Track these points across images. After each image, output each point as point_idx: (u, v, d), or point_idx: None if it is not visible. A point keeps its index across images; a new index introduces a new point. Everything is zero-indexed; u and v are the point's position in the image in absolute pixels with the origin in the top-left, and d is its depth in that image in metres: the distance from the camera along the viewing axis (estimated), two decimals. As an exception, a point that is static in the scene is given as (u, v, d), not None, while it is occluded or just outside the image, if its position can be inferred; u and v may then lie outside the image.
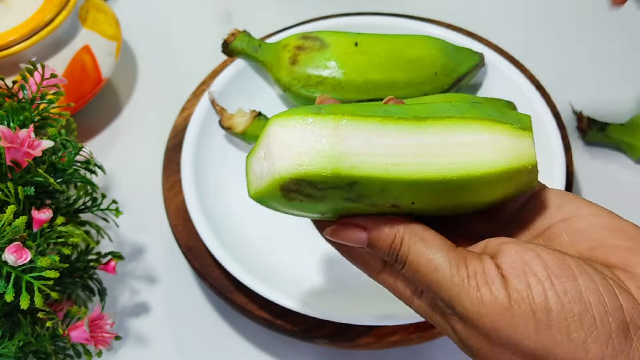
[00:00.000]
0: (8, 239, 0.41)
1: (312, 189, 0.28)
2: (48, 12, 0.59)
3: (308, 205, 0.29)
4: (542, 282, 0.28)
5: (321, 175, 0.28)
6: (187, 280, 0.58)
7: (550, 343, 0.27)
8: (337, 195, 0.29)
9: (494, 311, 0.28)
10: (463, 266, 0.29)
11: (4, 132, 0.43)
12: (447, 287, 0.29)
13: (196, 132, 0.57)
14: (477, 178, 0.29)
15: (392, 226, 0.30)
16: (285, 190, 0.28)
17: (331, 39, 0.57)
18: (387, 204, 0.30)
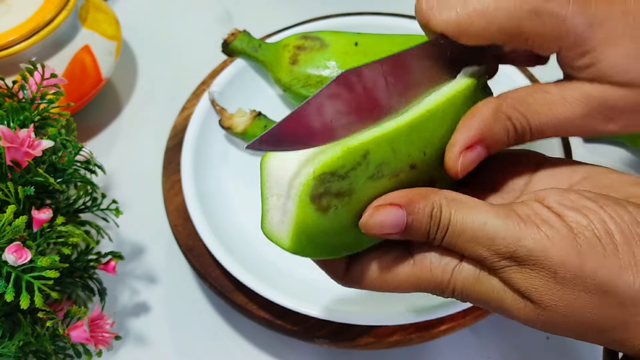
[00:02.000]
0: (8, 239, 0.41)
1: (338, 181, 0.29)
2: (48, 12, 0.59)
3: (342, 211, 0.29)
4: (597, 211, 0.28)
5: (336, 157, 0.29)
6: (187, 280, 0.58)
7: (617, 266, 0.27)
8: (361, 176, 0.29)
9: (559, 244, 0.28)
10: (513, 213, 0.29)
11: (4, 132, 0.43)
12: (503, 236, 0.28)
13: (196, 132, 0.57)
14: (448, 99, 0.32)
15: (425, 197, 0.30)
16: (316, 197, 0.28)
17: (331, 39, 0.57)
18: (405, 166, 0.30)
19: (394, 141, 0.30)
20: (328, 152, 0.29)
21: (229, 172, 0.58)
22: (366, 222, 0.30)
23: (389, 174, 0.30)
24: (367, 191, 0.30)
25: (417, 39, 0.58)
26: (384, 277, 0.32)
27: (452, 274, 0.31)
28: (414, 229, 0.30)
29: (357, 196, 0.30)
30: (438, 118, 0.32)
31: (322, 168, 0.28)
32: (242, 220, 0.55)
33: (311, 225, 0.29)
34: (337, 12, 0.66)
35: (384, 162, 0.30)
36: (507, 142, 0.32)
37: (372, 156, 0.29)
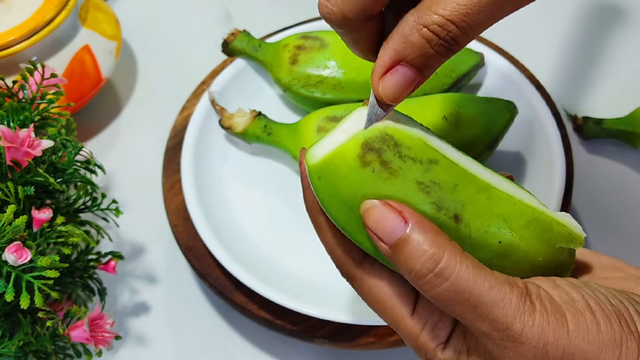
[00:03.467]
0: (8, 239, 0.41)
1: (394, 154, 0.28)
2: (48, 12, 0.59)
3: (374, 181, 0.28)
4: (578, 292, 0.29)
5: (411, 137, 0.28)
6: (187, 280, 0.58)
7: (599, 341, 0.28)
8: (414, 173, 0.28)
9: (552, 326, 0.28)
10: (514, 284, 0.28)
11: (4, 131, 0.43)
12: (505, 307, 0.28)
13: (196, 132, 0.57)
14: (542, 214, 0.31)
15: (437, 232, 0.28)
16: (367, 147, 0.28)
17: (331, 39, 0.57)
18: (452, 211, 0.29)
19: (462, 182, 0.29)
20: (412, 130, 0.29)
21: (229, 172, 0.58)
22: (367, 208, 0.29)
23: (433, 198, 0.29)
24: (404, 189, 0.28)
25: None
26: (380, 301, 0.32)
27: (435, 350, 0.30)
28: (403, 255, 0.28)
29: (394, 182, 0.28)
30: (515, 211, 0.30)
31: (393, 132, 0.29)
32: (242, 220, 0.55)
33: (344, 164, 0.28)
34: (337, 12, 0.66)
35: (439, 184, 0.29)
36: (435, 53, 0.28)
37: (436, 169, 0.29)
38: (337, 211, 0.30)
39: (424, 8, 0.27)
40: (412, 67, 0.28)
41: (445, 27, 0.27)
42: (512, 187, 0.31)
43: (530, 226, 0.30)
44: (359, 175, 0.28)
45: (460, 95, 0.55)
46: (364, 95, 0.56)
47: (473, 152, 0.52)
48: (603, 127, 0.61)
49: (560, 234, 0.31)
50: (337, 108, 0.54)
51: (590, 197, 0.60)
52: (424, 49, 0.27)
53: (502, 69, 0.59)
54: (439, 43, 0.27)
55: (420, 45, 0.27)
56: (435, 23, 0.27)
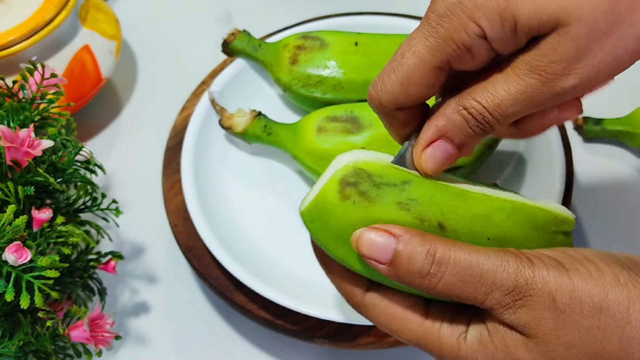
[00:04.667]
0: (8, 239, 0.41)
1: (369, 184, 0.31)
2: (48, 12, 0.59)
3: (356, 211, 0.31)
4: (572, 250, 0.30)
5: (380, 166, 0.31)
6: (187, 280, 0.58)
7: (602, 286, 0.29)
8: (390, 196, 0.31)
9: (552, 272, 0.29)
10: (507, 250, 0.30)
11: (4, 131, 0.43)
12: (505, 269, 0.29)
13: (196, 132, 0.57)
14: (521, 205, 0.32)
15: (423, 235, 0.30)
16: (344, 183, 0.31)
17: (331, 39, 0.57)
18: (435, 220, 0.31)
19: (437, 194, 0.31)
20: (381, 159, 0.32)
21: (229, 171, 0.58)
22: (357, 236, 0.31)
23: (414, 214, 0.31)
24: (386, 212, 0.31)
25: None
26: (393, 317, 0.33)
27: (458, 341, 0.31)
28: (404, 264, 0.30)
29: (375, 208, 0.31)
30: (494, 207, 0.32)
31: (364, 165, 0.31)
32: (242, 220, 0.55)
33: (328, 202, 0.31)
34: (337, 12, 0.66)
35: (416, 200, 0.31)
36: (472, 133, 0.31)
37: (409, 188, 0.31)
38: (333, 247, 0.32)
39: (465, 93, 0.31)
40: (452, 142, 0.32)
41: (481, 113, 0.30)
42: (489, 189, 0.33)
43: (513, 217, 0.32)
44: (343, 209, 0.31)
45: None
46: (363, 95, 0.56)
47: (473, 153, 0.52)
48: (603, 127, 0.61)
49: (546, 219, 0.32)
50: (337, 108, 0.54)
51: (590, 197, 0.60)
52: (463, 128, 0.31)
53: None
54: (476, 124, 0.31)
55: (460, 124, 0.31)
56: (473, 107, 0.30)
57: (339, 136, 0.52)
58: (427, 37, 0.30)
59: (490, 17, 0.28)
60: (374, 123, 0.52)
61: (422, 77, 0.31)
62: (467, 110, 0.31)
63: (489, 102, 0.30)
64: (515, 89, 0.29)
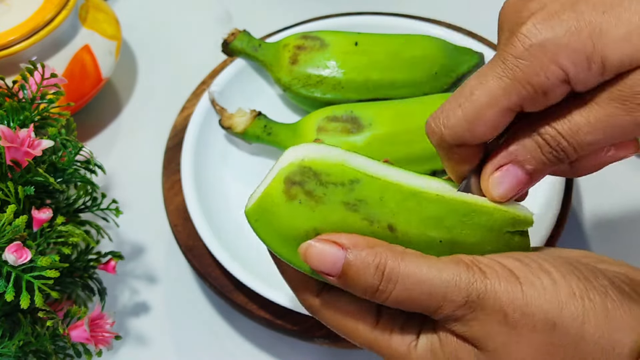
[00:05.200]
0: (8, 239, 0.41)
1: (315, 183, 0.29)
2: (48, 12, 0.59)
3: (302, 212, 0.30)
4: (529, 258, 0.30)
5: (327, 164, 0.30)
6: (187, 280, 0.58)
7: (557, 300, 0.28)
8: (338, 196, 0.29)
9: (504, 285, 0.28)
10: (459, 260, 0.29)
11: (4, 131, 0.43)
12: (457, 282, 0.28)
13: (196, 132, 0.57)
14: (475, 206, 0.31)
15: (372, 246, 0.29)
16: (289, 182, 0.29)
17: (331, 39, 0.57)
18: (384, 222, 0.30)
19: (387, 194, 0.30)
20: (330, 156, 0.30)
21: (229, 171, 0.58)
22: (305, 249, 0.30)
23: (363, 215, 0.30)
24: (334, 212, 0.30)
25: (417, 39, 0.58)
26: (344, 324, 0.32)
27: (408, 348, 0.31)
28: (354, 278, 0.29)
29: (323, 209, 0.30)
30: (448, 209, 0.31)
31: (310, 163, 0.30)
32: (241, 219, 0.55)
33: (273, 202, 0.30)
34: (337, 12, 0.66)
35: (365, 200, 0.30)
36: (545, 160, 0.30)
37: (359, 187, 0.30)
38: (279, 248, 0.31)
39: (541, 119, 0.29)
40: (522, 168, 0.30)
41: (556, 139, 0.29)
42: (448, 187, 0.32)
43: (466, 220, 0.31)
44: (288, 209, 0.30)
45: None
46: (363, 95, 0.56)
47: None
48: None
49: (502, 219, 0.31)
50: (337, 108, 0.54)
51: (590, 197, 0.60)
52: (536, 153, 0.30)
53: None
54: (550, 151, 0.29)
55: (533, 149, 0.30)
56: (548, 133, 0.29)
57: (339, 136, 0.52)
58: (501, 77, 0.28)
59: (576, 60, 0.27)
60: (374, 123, 0.52)
61: (492, 117, 0.29)
62: (542, 136, 0.29)
63: (565, 129, 0.29)
64: (594, 117, 0.28)
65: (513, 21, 0.29)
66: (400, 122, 0.52)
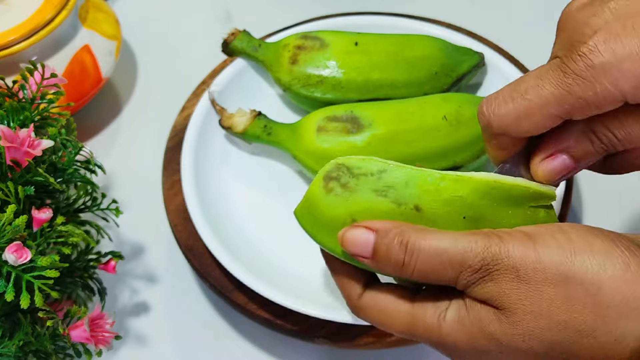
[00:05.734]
0: (8, 239, 0.41)
1: (349, 176, 0.33)
2: (48, 12, 0.59)
3: (340, 202, 0.33)
4: (551, 224, 0.31)
5: (358, 159, 0.34)
6: (187, 280, 0.58)
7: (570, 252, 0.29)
8: (369, 184, 0.33)
9: (518, 245, 0.30)
10: (477, 231, 0.31)
11: (4, 131, 0.43)
12: (472, 249, 0.30)
13: (196, 132, 0.58)
14: (495, 184, 0.33)
15: (398, 226, 0.32)
16: (327, 178, 0.33)
17: (331, 39, 0.57)
18: (411, 203, 0.33)
19: (412, 179, 0.33)
20: (362, 156, 0.34)
21: (229, 171, 0.58)
22: (341, 235, 0.33)
23: (391, 199, 0.33)
24: (365, 199, 0.33)
25: (417, 39, 0.58)
26: (385, 311, 0.34)
27: (438, 320, 0.32)
28: (384, 256, 0.32)
29: (356, 197, 0.33)
30: (468, 188, 0.33)
31: (344, 160, 0.34)
32: (242, 219, 0.55)
33: (315, 197, 0.34)
34: (337, 12, 0.66)
35: (392, 186, 0.33)
36: (592, 150, 0.32)
37: (386, 176, 0.33)
38: (324, 239, 0.35)
39: (597, 120, 0.31)
40: (571, 157, 0.33)
41: (612, 141, 0.31)
42: (469, 173, 0.34)
43: (488, 196, 0.33)
44: (328, 201, 0.34)
45: (460, 95, 0.55)
46: (363, 95, 0.56)
47: (473, 153, 0.52)
48: None
49: (523, 195, 0.33)
50: (337, 108, 0.54)
51: (590, 197, 0.60)
52: (587, 147, 0.32)
53: (502, 69, 0.59)
54: (599, 144, 0.32)
55: (585, 145, 0.32)
56: (604, 134, 0.31)
57: (339, 136, 0.52)
58: (558, 87, 0.30)
59: (636, 84, 0.28)
60: (374, 123, 0.52)
61: (539, 119, 0.31)
62: (596, 135, 0.32)
63: (622, 134, 0.31)
64: None
65: (575, 32, 0.30)
66: (400, 122, 0.52)
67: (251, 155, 0.59)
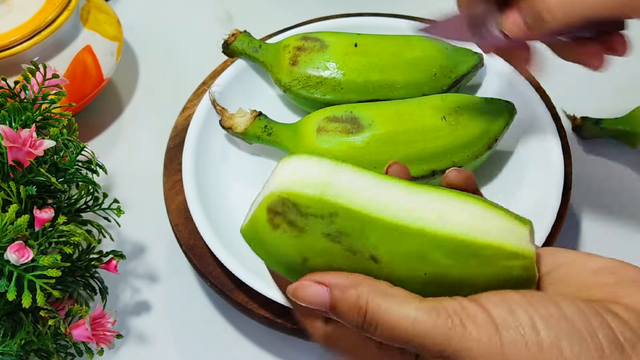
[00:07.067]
0: (10, 238, 0.41)
1: (296, 214, 0.29)
2: (49, 13, 0.59)
3: (288, 240, 0.30)
4: (525, 308, 0.27)
5: (306, 196, 0.30)
6: (188, 279, 0.58)
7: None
8: (318, 227, 0.29)
9: (483, 343, 0.27)
10: (441, 309, 0.28)
11: (6, 131, 0.43)
12: (432, 335, 0.28)
13: (197, 132, 0.58)
14: (462, 242, 0.29)
15: (355, 285, 0.29)
16: (272, 212, 0.30)
17: (331, 40, 0.58)
18: (367, 253, 0.29)
19: (367, 227, 0.29)
20: (310, 184, 0.30)
21: (229, 171, 0.58)
22: (294, 290, 0.30)
23: (345, 246, 0.30)
24: (317, 242, 0.30)
25: (416, 40, 0.59)
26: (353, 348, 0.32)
27: None
28: (341, 314, 0.30)
29: (306, 238, 0.30)
30: (431, 245, 0.29)
31: (289, 195, 0.30)
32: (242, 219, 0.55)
33: (260, 229, 0.31)
34: (337, 13, 0.66)
35: (346, 233, 0.29)
36: None
37: (337, 220, 0.29)
38: (274, 266, 0.32)
39: None
40: None
41: None
42: (435, 217, 0.30)
43: (452, 256, 0.29)
44: (275, 238, 0.30)
45: (459, 96, 0.55)
46: (363, 96, 0.56)
47: (472, 153, 0.52)
48: (601, 127, 0.61)
49: (496, 255, 0.29)
50: (336, 108, 0.54)
51: (589, 197, 0.60)
52: None
53: (501, 69, 0.60)
54: None
55: None
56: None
57: (339, 136, 0.52)
58: None
59: None
60: (374, 123, 0.52)
61: None
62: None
63: None
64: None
65: None
66: (400, 122, 0.53)
67: (251, 156, 0.60)
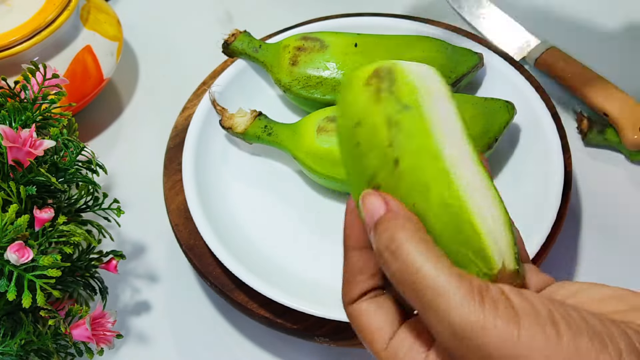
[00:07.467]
0: (10, 238, 0.42)
1: (387, 86, 0.31)
2: (49, 13, 0.59)
3: (367, 100, 0.31)
4: (545, 304, 0.27)
5: (407, 81, 0.32)
6: (188, 279, 0.58)
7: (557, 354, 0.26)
8: (390, 107, 0.31)
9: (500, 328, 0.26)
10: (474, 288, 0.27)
11: (6, 131, 0.43)
12: (447, 296, 0.26)
13: (197, 132, 0.58)
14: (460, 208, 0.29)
15: (409, 218, 0.29)
16: (375, 73, 0.32)
17: (331, 40, 0.58)
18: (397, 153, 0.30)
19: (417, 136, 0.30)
20: (413, 75, 0.32)
21: (229, 171, 0.58)
22: (364, 195, 0.31)
23: (391, 135, 0.30)
24: (379, 114, 0.31)
25: (416, 40, 0.59)
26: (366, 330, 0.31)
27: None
28: (379, 233, 0.29)
29: (375, 108, 0.31)
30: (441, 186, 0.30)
31: (398, 69, 0.32)
32: (242, 219, 0.56)
33: (360, 78, 0.32)
34: (337, 13, 0.66)
35: (400, 129, 0.30)
36: None
37: (405, 113, 0.31)
38: (341, 124, 0.34)
39: None
40: None
41: None
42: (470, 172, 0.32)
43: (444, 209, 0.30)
44: (360, 90, 0.32)
45: (459, 96, 0.55)
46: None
47: None
48: (605, 137, 0.62)
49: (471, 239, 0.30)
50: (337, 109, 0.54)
51: (589, 197, 0.60)
52: None
53: (500, 69, 0.60)
54: None
55: None
56: None
57: (339, 136, 0.52)
58: None
59: None
60: (374, 123, 0.52)
61: None
62: None
63: None
64: None
65: None
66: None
67: (251, 156, 0.60)
